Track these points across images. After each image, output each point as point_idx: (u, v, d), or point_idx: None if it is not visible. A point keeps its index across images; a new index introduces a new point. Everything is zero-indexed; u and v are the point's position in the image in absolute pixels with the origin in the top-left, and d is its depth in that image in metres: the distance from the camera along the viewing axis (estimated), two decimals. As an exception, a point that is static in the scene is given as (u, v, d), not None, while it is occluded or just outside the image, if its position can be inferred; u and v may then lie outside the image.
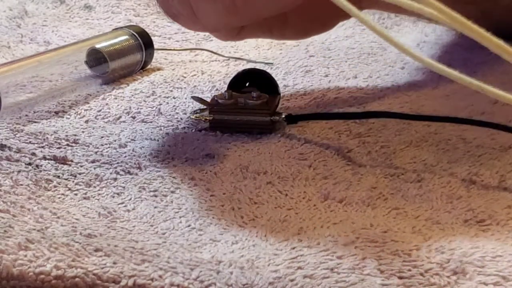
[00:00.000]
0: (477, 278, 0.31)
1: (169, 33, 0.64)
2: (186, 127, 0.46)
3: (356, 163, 0.41)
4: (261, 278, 0.31)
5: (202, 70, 0.55)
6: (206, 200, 0.38)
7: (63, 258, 0.32)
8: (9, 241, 0.32)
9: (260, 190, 0.38)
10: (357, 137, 0.44)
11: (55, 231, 0.34)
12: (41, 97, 0.49)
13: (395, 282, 0.31)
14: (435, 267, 0.32)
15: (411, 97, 0.50)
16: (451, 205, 0.37)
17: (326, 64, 0.56)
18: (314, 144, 0.43)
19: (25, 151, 0.41)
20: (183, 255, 0.33)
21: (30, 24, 0.65)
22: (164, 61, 0.57)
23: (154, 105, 0.49)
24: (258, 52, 0.59)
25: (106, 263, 0.32)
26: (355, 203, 0.37)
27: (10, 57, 0.58)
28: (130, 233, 0.35)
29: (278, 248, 0.33)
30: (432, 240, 0.34)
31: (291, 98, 0.50)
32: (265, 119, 0.44)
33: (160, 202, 0.37)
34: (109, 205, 0.37)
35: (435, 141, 0.43)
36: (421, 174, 0.40)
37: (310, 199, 0.38)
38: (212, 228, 0.35)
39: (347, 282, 0.31)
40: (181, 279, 0.31)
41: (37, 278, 0.31)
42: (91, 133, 0.44)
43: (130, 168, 0.40)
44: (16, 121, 0.45)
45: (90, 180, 0.39)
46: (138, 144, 0.43)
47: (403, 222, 0.36)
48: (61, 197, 0.38)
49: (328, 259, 0.32)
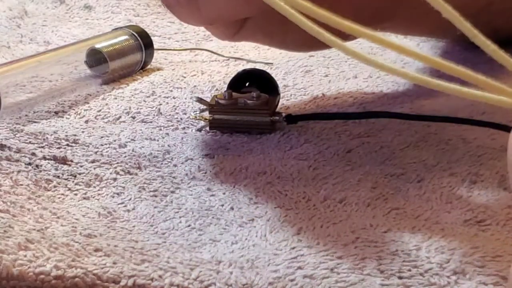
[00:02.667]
0: (477, 278, 0.31)
1: (169, 33, 0.64)
2: (186, 127, 0.46)
3: (356, 163, 0.41)
4: (261, 278, 0.31)
5: (202, 70, 0.55)
6: (206, 200, 0.38)
7: (63, 258, 0.32)
8: (9, 241, 0.32)
9: (260, 190, 0.38)
10: (357, 137, 0.44)
11: (55, 231, 0.34)
12: (41, 97, 0.49)
13: (395, 282, 0.31)
14: (435, 267, 0.32)
15: (411, 97, 0.50)
16: (451, 205, 0.37)
17: (326, 64, 0.56)
18: (314, 144, 0.43)
19: (25, 151, 0.41)
20: (183, 255, 0.33)
21: (30, 24, 0.65)
22: (164, 61, 0.57)
23: (154, 105, 0.49)
24: (258, 52, 0.59)
25: (106, 263, 0.32)
26: (355, 203, 0.37)
27: (10, 57, 0.58)
28: (130, 233, 0.35)
29: (278, 248, 0.33)
30: (432, 240, 0.34)
31: (291, 98, 0.50)
32: (265, 119, 0.44)
33: (160, 202, 0.37)
34: (109, 205, 0.37)
35: (435, 141, 0.43)
36: (421, 174, 0.40)
37: (310, 199, 0.38)
38: (212, 228, 0.35)
39: (347, 282, 0.31)
40: (181, 279, 0.31)
41: (37, 278, 0.31)
42: (91, 133, 0.44)
43: (130, 168, 0.40)
44: (16, 121, 0.45)
45: (90, 180, 0.39)
46: (138, 144, 0.43)
47: (403, 222, 0.36)
48: (61, 197, 0.38)
49: (328, 259, 0.32)
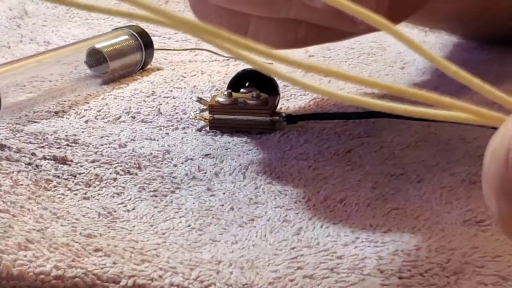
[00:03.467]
0: (476, 278, 0.31)
1: (169, 33, 0.64)
2: (186, 127, 0.46)
3: (356, 163, 0.41)
4: (260, 278, 0.31)
5: (202, 70, 0.55)
6: (206, 200, 0.38)
7: (63, 258, 0.32)
8: (9, 241, 0.32)
9: (260, 190, 0.38)
10: (357, 137, 0.44)
11: (55, 231, 0.34)
12: (41, 97, 0.49)
13: (394, 282, 0.31)
14: (435, 267, 0.32)
15: (411, 97, 0.50)
16: (450, 205, 0.37)
17: (326, 64, 0.56)
18: (314, 144, 0.43)
19: (25, 151, 0.41)
20: (183, 255, 0.33)
21: (30, 24, 0.64)
22: (164, 61, 0.57)
23: (154, 105, 0.49)
24: (258, 52, 0.59)
25: (106, 263, 0.32)
26: (355, 203, 0.37)
27: (10, 57, 0.58)
28: (130, 233, 0.35)
29: (278, 248, 0.33)
30: (431, 240, 0.34)
31: (291, 98, 0.50)
32: (265, 119, 0.44)
33: (160, 202, 0.37)
34: (109, 205, 0.37)
35: (435, 141, 0.43)
36: (421, 174, 0.40)
37: (310, 199, 0.38)
38: (212, 228, 0.35)
39: (347, 282, 0.31)
40: (181, 279, 0.31)
41: (37, 278, 0.31)
42: (91, 133, 0.44)
43: (130, 168, 0.40)
44: (16, 121, 0.45)
45: (90, 180, 0.39)
46: (138, 144, 0.43)
47: (403, 222, 0.36)
48: (61, 197, 0.38)
49: (328, 259, 0.32)
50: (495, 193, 0.21)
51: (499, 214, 0.21)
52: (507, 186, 0.21)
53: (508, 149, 0.21)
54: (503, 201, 0.21)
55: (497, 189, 0.21)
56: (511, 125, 0.21)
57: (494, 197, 0.21)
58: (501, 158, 0.21)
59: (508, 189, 0.21)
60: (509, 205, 0.21)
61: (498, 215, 0.21)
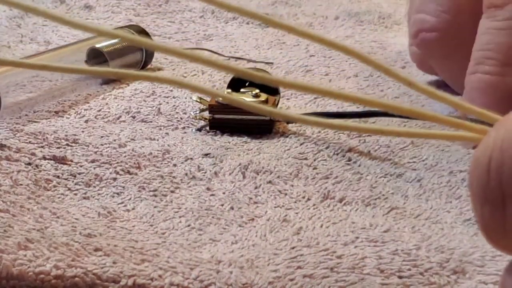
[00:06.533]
0: (476, 278, 0.31)
1: (169, 33, 0.64)
2: (186, 127, 0.46)
3: (356, 163, 0.41)
4: (260, 278, 0.31)
5: (202, 70, 0.55)
6: (206, 200, 0.38)
7: (63, 258, 0.32)
8: (9, 240, 0.32)
9: (259, 190, 0.38)
10: (357, 137, 0.44)
11: (54, 231, 0.34)
12: (41, 97, 0.49)
13: (394, 281, 0.31)
14: (435, 267, 0.32)
15: (411, 97, 0.50)
16: (450, 204, 0.37)
17: (326, 64, 0.56)
18: (314, 144, 0.43)
19: (25, 151, 0.41)
20: (182, 254, 0.33)
21: (30, 24, 0.65)
22: (164, 61, 0.57)
23: (154, 105, 0.49)
24: (258, 52, 0.59)
25: (106, 262, 0.32)
26: (355, 203, 0.37)
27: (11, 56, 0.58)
28: (130, 233, 0.35)
29: (277, 247, 0.33)
30: (431, 239, 0.34)
31: (291, 97, 0.50)
32: (265, 119, 0.44)
33: (160, 202, 0.37)
34: (109, 205, 0.37)
35: (435, 141, 0.43)
36: (420, 174, 0.40)
37: (309, 198, 0.38)
38: (211, 228, 0.35)
39: (346, 282, 0.31)
40: (181, 278, 0.31)
41: (37, 278, 0.31)
42: (91, 132, 0.44)
43: (130, 168, 0.40)
44: (16, 121, 0.45)
45: (89, 180, 0.39)
46: (138, 144, 0.43)
47: (403, 222, 0.36)
48: (60, 197, 0.38)
49: (327, 258, 0.32)
50: (479, 200, 0.22)
51: (482, 221, 0.22)
52: (489, 194, 0.22)
53: (489, 158, 0.21)
54: (485, 208, 0.22)
55: (480, 196, 0.22)
56: (493, 135, 0.22)
57: (478, 205, 0.22)
58: (483, 167, 0.22)
59: (490, 196, 0.22)
60: (491, 212, 0.22)
61: (481, 221, 0.22)
